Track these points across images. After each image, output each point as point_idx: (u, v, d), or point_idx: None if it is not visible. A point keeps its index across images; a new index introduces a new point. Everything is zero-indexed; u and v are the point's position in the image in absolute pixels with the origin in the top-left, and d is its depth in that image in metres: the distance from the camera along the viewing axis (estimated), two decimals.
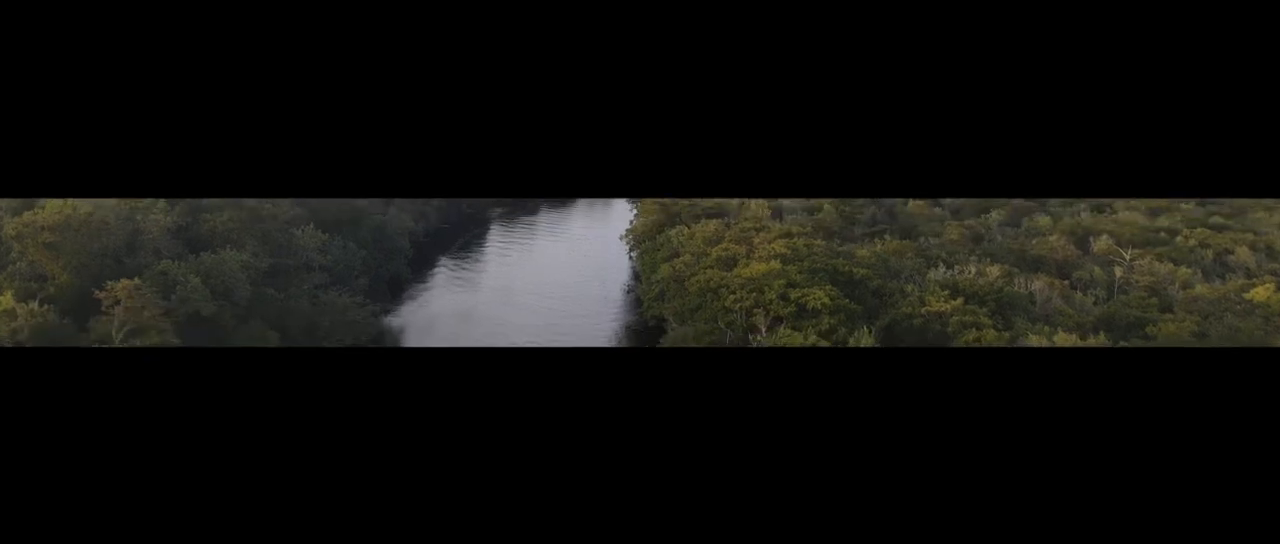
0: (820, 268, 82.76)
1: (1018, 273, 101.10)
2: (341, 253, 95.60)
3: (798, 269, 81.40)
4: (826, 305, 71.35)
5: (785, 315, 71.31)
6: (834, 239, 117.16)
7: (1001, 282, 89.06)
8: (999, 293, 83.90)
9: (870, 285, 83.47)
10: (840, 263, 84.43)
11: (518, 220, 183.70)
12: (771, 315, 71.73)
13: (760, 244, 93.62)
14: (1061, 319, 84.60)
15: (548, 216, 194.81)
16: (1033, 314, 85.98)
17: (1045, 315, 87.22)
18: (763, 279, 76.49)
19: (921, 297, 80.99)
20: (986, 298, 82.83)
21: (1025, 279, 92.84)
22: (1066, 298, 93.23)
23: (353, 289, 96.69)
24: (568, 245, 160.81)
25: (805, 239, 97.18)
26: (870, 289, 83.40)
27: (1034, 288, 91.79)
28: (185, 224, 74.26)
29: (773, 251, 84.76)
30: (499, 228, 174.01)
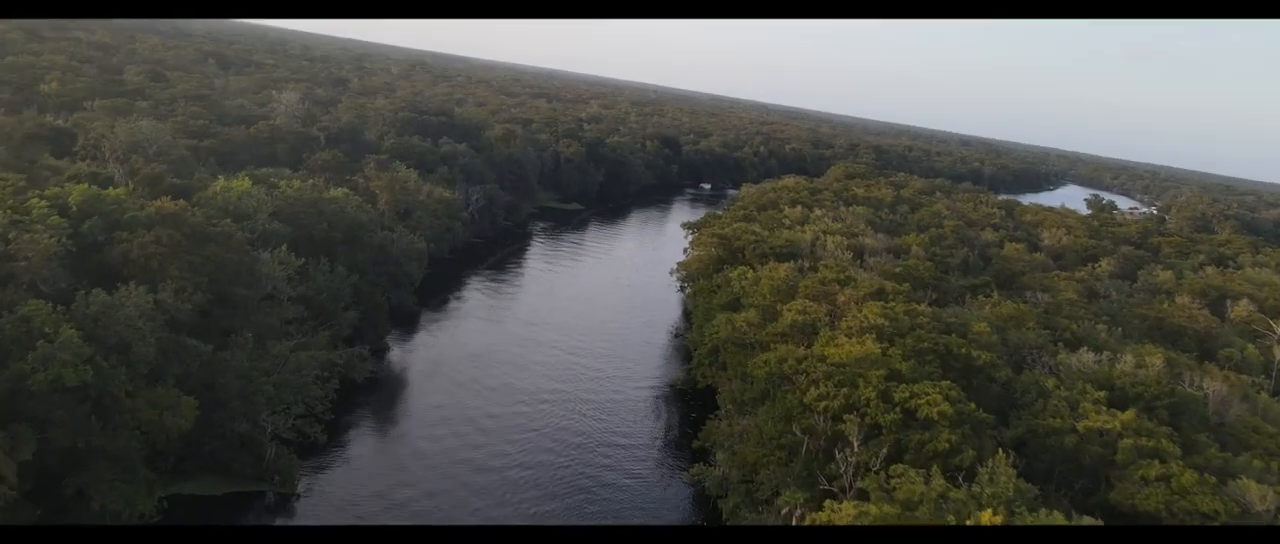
0: (929, 349, 60.86)
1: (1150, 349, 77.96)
2: (326, 280, 76.99)
3: (901, 351, 59.59)
4: (947, 415, 49.74)
5: (888, 424, 49.94)
6: (927, 290, 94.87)
7: (1167, 379, 66.01)
8: (1170, 397, 61.06)
9: (996, 377, 61.27)
10: (954, 342, 62.40)
11: (563, 236, 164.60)
12: (868, 422, 50.41)
13: (847, 304, 71.92)
14: (1256, 438, 61.49)
15: (596, 233, 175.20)
16: (1213, 426, 62.97)
17: (1229, 427, 64.15)
18: (856, 366, 55.05)
19: (1068, 398, 58.55)
20: (1155, 403, 60.09)
21: (1196, 376, 69.53)
22: (1248, 400, 69.69)
23: (338, 325, 77.80)
24: (612, 271, 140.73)
25: (902, 300, 75.18)
26: (996, 381, 61.21)
27: (1206, 386, 68.56)
28: (97, 241, 55.64)
29: (866, 321, 63.05)
30: (541, 243, 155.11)
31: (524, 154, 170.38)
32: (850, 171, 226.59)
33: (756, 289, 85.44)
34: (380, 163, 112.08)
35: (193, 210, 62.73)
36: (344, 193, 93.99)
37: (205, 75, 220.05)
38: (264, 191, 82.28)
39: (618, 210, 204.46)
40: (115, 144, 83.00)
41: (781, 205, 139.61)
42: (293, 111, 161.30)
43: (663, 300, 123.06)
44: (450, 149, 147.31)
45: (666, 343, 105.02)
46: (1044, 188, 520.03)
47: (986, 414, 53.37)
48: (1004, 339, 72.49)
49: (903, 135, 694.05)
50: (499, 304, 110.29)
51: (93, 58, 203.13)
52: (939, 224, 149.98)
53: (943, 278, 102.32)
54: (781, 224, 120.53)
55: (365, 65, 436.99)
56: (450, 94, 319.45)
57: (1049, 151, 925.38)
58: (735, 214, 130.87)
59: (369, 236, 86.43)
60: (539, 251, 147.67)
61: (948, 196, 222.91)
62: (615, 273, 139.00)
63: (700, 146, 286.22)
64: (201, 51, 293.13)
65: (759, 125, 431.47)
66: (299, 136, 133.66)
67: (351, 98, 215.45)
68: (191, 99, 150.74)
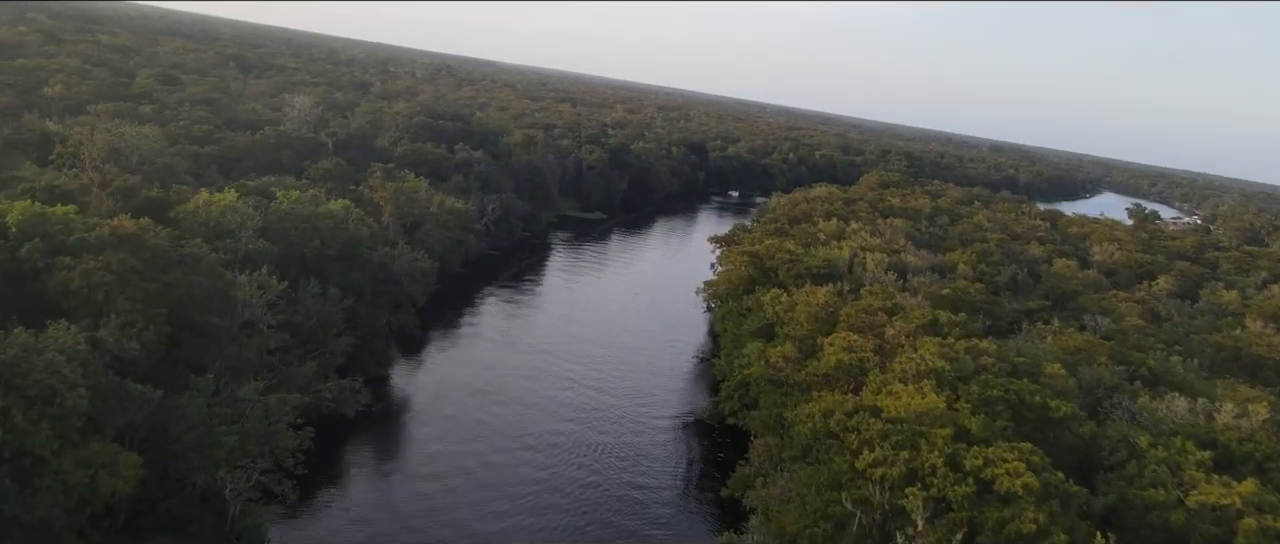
0: (998, 397, 51.77)
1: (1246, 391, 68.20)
2: (315, 304, 69.37)
3: (968, 402, 50.55)
4: (1032, 489, 40.79)
5: (959, 498, 41.13)
6: (978, 315, 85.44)
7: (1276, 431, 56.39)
8: None
9: (1078, 431, 52.07)
10: (1027, 389, 53.22)
11: (583, 248, 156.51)
12: (934, 494, 41.61)
13: (897, 338, 62.93)
14: None
15: (618, 244, 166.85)
16: None
17: None
18: (917, 422, 46.18)
19: (1167, 460, 49.22)
20: (1268, 466, 50.64)
21: None
22: None
23: (329, 353, 69.99)
24: (634, 286, 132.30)
25: (959, 332, 66.05)
26: (1079, 436, 52.02)
27: None
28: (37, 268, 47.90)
29: (923, 363, 54.03)
30: (560, 255, 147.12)
31: (544, 161, 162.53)
32: (884, 180, 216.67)
33: (792, 316, 76.62)
34: (387, 172, 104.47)
35: (157, 230, 55.09)
36: (344, 205, 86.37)
37: (222, 78, 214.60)
38: (253, 205, 74.74)
39: (641, 219, 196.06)
40: (93, 151, 75.92)
41: (815, 218, 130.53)
42: (304, 116, 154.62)
43: (687, 319, 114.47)
44: (466, 156, 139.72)
45: (691, 368, 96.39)
46: (1080, 196, 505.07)
47: (1079, 487, 44.21)
48: (1076, 378, 63.17)
49: (932, 140, 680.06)
50: (512, 324, 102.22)
51: (108, 61, 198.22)
52: (982, 238, 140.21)
53: (994, 301, 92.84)
54: (816, 239, 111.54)
55: (390, 69, 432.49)
56: (474, 98, 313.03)
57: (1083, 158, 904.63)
58: (766, 228, 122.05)
59: (367, 254, 78.59)
60: (558, 264, 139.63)
61: (987, 207, 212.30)
62: (637, 288, 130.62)
63: (727, 153, 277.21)
64: (223, 54, 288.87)
65: (787, 131, 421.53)
66: (306, 143, 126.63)
67: (371, 102, 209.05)
68: (199, 103, 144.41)
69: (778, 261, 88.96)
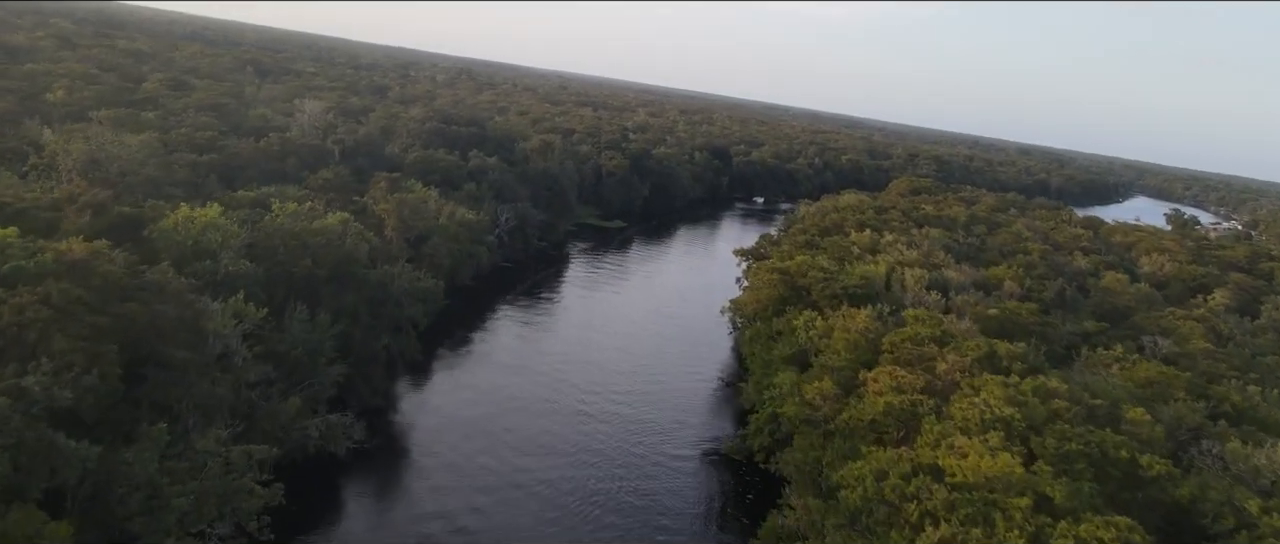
0: (1078, 452, 44.01)
1: None
2: (302, 331, 62.84)
3: (1044, 457, 42.81)
4: None
5: None
6: (1033, 340, 77.31)
7: None
8: None
9: (1174, 494, 44.16)
10: (1110, 441, 45.34)
11: (603, 258, 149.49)
12: None
13: (951, 373, 55.19)
14: None
15: (639, 254, 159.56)
16: None
17: None
18: (988, 489, 38.61)
19: None
20: None
21: None
22: None
23: (318, 385, 63.35)
24: (656, 300, 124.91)
25: (1020, 363, 58.19)
26: (1175, 501, 44.11)
27: None
28: None
29: (987, 409, 46.29)
30: (578, 267, 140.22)
31: (561, 168, 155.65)
32: (915, 186, 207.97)
33: (828, 344, 69.00)
34: (392, 182, 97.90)
35: (112, 255, 48.57)
36: (342, 219, 79.82)
37: (237, 83, 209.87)
38: (238, 221, 68.26)
39: (663, 227, 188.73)
40: (69, 162, 69.87)
41: (847, 229, 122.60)
42: (314, 122, 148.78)
43: (712, 337, 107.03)
44: (479, 163, 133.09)
45: (715, 393, 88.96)
46: (1113, 200, 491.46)
47: None
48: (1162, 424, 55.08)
49: (958, 143, 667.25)
50: (525, 344, 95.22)
51: (120, 66, 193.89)
52: (1024, 249, 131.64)
53: (1047, 323, 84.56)
54: (850, 253, 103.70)
55: (410, 73, 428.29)
56: (494, 102, 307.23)
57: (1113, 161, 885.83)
58: (795, 240, 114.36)
59: (363, 274, 71.84)
60: (575, 276, 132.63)
61: (1024, 214, 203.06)
62: (658, 302, 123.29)
63: (751, 158, 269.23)
64: (240, 59, 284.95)
65: (811, 135, 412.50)
66: (312, 150, 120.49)
67: (386, 106, 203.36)
68: (206, 109, 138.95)
69: (811, 280, 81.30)
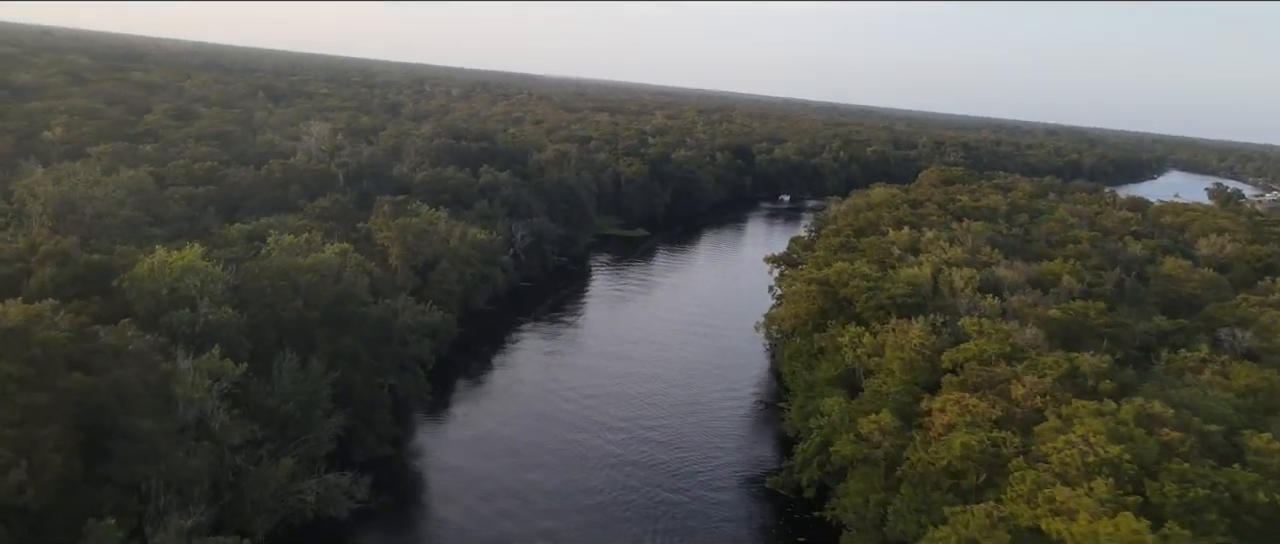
0: (1206, 499, 36.12)
1: None
2: (293, 383, 56.32)
3: (1167, 508, 35.03)
4: None
5: None
6: (1105, 345, 69.04)
7: None
8: None
9: None
10: (1242, 481, 37.41)
11: (626, 271, 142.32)
12: None
13: (1029, 400, 47.34)
14: None
15: (664, 264, 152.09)
16: None
17: None
18: None
19: None
20: None
21: None
22: None
23: (315, 439, 56.77)
24: (684, 313, 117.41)
25: (1115, 389, 50.15)
26: None
27: None
28: None
29: (1091, 451, 38.47)
30: (601, 281, 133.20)
31: (578, 178, 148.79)
32: (946, 176, 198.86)
33: (880, 364, 61.30)
34: (396, 205, 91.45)
35: (57, 318, 42.15)
36: (340, 250, 73.39)
37: (247, 109, 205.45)
38: (221, 262, 61.86)
39: (687, 233, 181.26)
40: (39, 207, 63.98)
41: (883, 227, 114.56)
42: (320, 145, 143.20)
43: (746, 353, 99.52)
44: (491, 179, 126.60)
45: (755, 416, 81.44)
46: (1147, 177, 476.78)
47: None
48: None
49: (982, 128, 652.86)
50: (547, 374, 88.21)
51: (129, 98, 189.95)
52: (1073, 238, 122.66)
53: (1118, 324, 76.14)
54: (889, 254, 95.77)
55: (425, 88, 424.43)
56: (508, 113, 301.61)
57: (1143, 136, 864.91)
58: (829, 243, 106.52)
59: (362, 312, 65.17)
60: (598, 292, 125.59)
61: (1063, 198, 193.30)
62: (687, 316, 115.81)
63: (774, 155, 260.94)
64: (253, 84, 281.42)
65: (834, 128, 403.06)
66: (316, 175, 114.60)
67: (398, 124, 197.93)
68: (208, 138, 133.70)
69: (853, 290, 73.57)
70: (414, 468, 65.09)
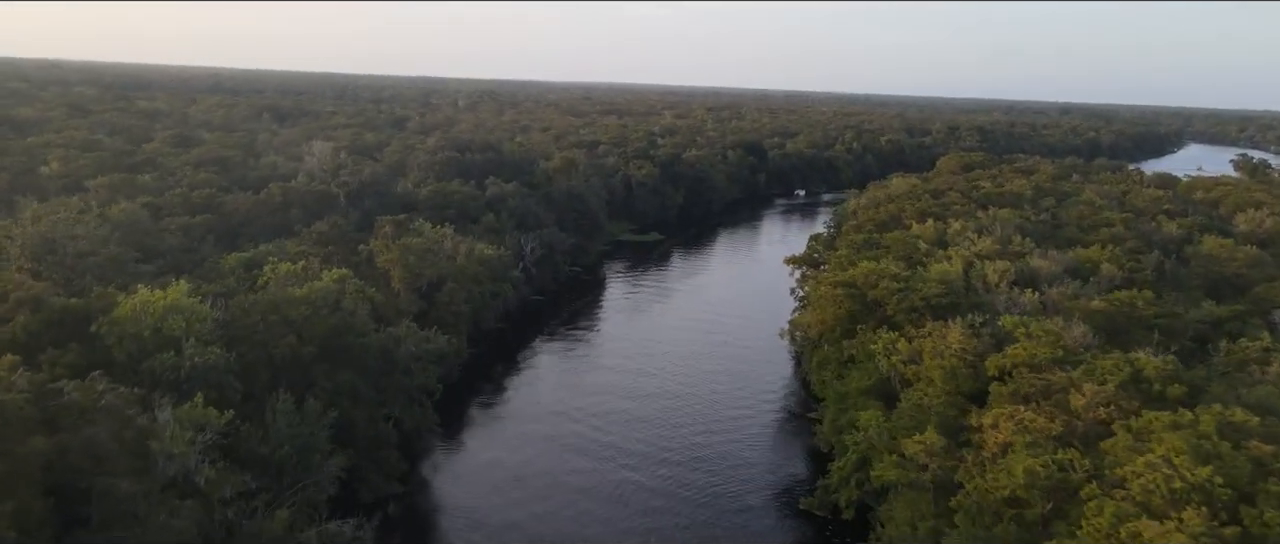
0: None
1: None
2: (289, 426, 52.29)
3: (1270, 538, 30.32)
4: None
5: None
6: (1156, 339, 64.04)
7: None
8: None
9: None
10: None
11: (641, 278, 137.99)
12: None
13: (1093, 411, 42.64)
14: None
15: (679, 269, 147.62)
16: None
17: None
18: None
19: None
20: None
21: None
22: None
23: (315, 484, 52.77)
24: (702, 320, 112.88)
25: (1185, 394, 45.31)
26: None
27: None
28: None
29: (1176, 476, 33.72)
30: (615, 290, 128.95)
31: (587, 185, 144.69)
32: (966, 162, 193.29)
33: (918, 373, 56.66)
34: (398, 225, 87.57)
35: (15, 377, 38.31)
36: (339, 276, 69.47)
37: (250, 132, 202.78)
38: (211, 297, 58.05)
39: (702, 235, 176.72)
40: (16, 250, 60.42)
41: (906, 220, 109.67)
42: (323, 165, 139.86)
43: (769, 359, 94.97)
44: (497, 191, 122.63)
45: (783, 429, 76.85)
46: (1167, 151, 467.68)
47: None
48: None
49: (994, 110, 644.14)
50: (561, 395, 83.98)
51: (130, 128, 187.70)
52: (1105, 221, 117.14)
53: (1170, 314, 70.98)
54: (916, 249, 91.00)
55: (431, 101, 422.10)
56: (515, 121, 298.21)
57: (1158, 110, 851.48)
58: (851, 239, 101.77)
59: (361, 343, 61.14)
60: (612, 302, 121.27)
61: (1087, 179, 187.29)
62: (706, 323, 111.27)
63: (787, 150, 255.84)
64: (257, 106, 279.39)
65: (845, 119, 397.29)
66: (317, 197, 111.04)
67: (402, 139, 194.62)
68: (208, 164, 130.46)
69: (883, 291, 68.88)
70: (424, 506, 60.98)
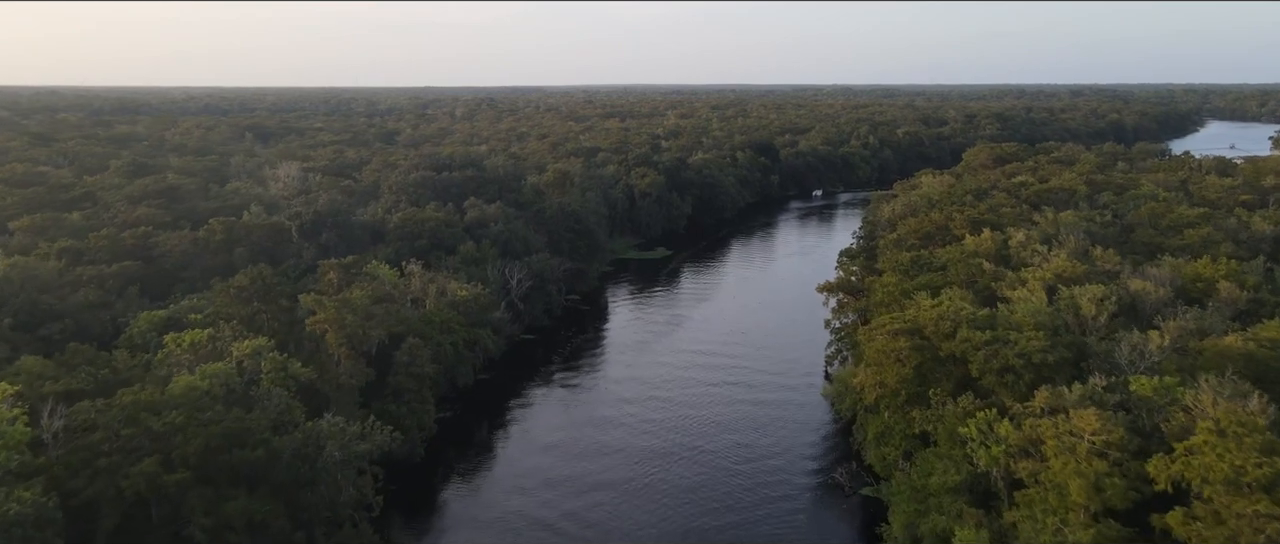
0: None
1: None
2: None
3: None
4: None
5: None
6: None
7: None
8: None
9: None
10: None
11: (647, 303, 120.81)
12: None
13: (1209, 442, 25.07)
14: None
15: (690, 290, 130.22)
16: None
17: None
18: None
19: None
20: None
21: None
22: None
23: None
24: (720, 361, 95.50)
25: None
26: None
27: None
28: None
29: None
30: (618, 320, 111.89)
31: (583, 200, 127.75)
32: (998, 153, 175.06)
33: (1037, 473, 39.45)
34: (344, 269, 70.77)
35: None
36: (253, 350, 52.84)
37: (223, 155, 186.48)
38: (49, 403, 41.48)
39: (713, 248, 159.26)
40: None
41: (956, 229, 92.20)
42: (286, 190, 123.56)
43: (801, 407, 77.87)
44: (478, 214, 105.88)
45: (828, 511, 59.61)
46: (1190, 130, 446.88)
47: None
48: None
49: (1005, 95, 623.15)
50: (548, 463, 66.96)
51: (90, 156, 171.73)
52: (1181, 218, 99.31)
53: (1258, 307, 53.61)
54: (980, 270, 73.66)
55: (427, 112, 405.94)
56: (513, 129, 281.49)
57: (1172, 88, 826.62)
58: (895, 258, 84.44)
59: (258, 456, 44.31)
60: (614, 337, 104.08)
61: (1132, 166, 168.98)
62: (724, 360, 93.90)
63: (800, 148, 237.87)
64: (239, 126, 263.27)
65: (855, 111, 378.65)
66: (268, 231, 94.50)
67: (386, 154, 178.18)
68: (153, 197, 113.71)
69: (962, 346, 51.56)
70: None
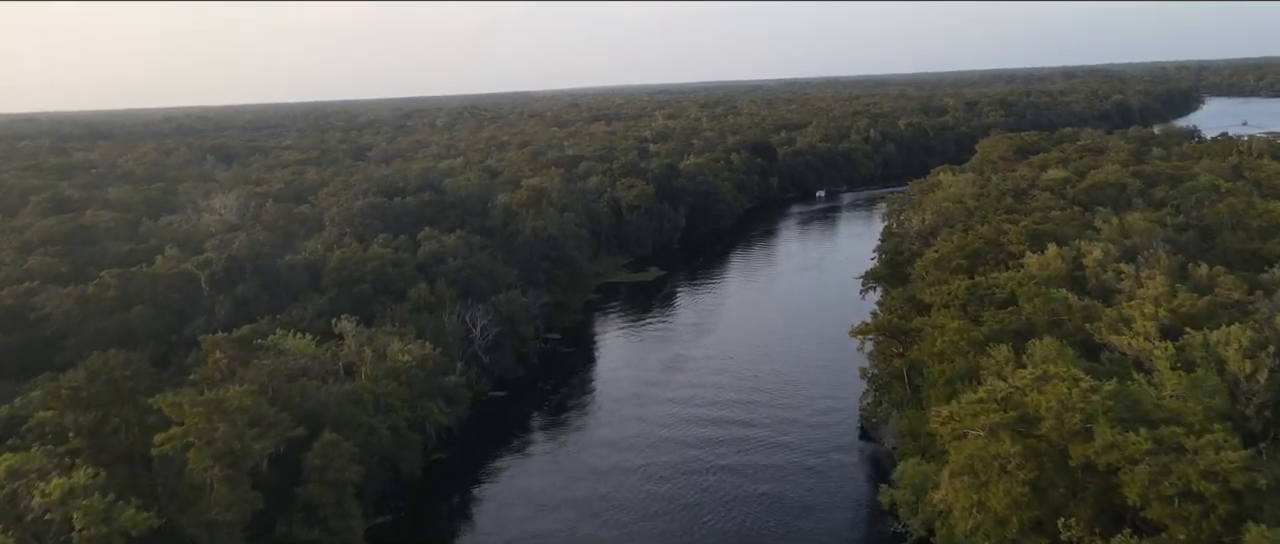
0: None
1: None
2: None
3: None
4: None
5: None
6: None
7: None
8: None
9: None
10: None
11: (639, 338, 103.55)
12: None
13: None
14: None
15: (687, 318, 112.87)
16: None
17: None
18: None
19: None
20: None
21: None
22: None
23: None
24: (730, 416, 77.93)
25: None
26: None
27: None
28: None
29: None
30: (604, 366, 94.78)
31: (562, 221, 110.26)
32: (1017, 143, 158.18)
33: None
34: (236, 345, 53.20)
35: None
36: (85, 484, 35.40)
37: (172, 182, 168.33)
38: None
39: (711, 264, 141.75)
40: None
41: (1011, 245, 75.00)
42: (220, 226, 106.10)
43: (840, 495, 60.59)
44: (434, 247, 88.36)
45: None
46: (1193, 108, 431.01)
47: None
48: None
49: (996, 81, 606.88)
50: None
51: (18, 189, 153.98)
52: (1268, 215, 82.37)
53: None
54: (1066, 307, 56.45)
55: (407, 123, 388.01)
56: (494, 138, 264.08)
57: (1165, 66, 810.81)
58: (946, 289, 67.22)
59: None
60: (598, 387, 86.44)
61: (1168, 151, 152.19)
62: (733, 416, 76.39)
63: (798, 147, 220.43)
64: (200, 149, 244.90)
65: (851, 103, 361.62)
66: (171, 283, 76.99)
67: (350, 173, 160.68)
68: (53, 242, 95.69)
69: (1110, 456, 34.28)
70: None
